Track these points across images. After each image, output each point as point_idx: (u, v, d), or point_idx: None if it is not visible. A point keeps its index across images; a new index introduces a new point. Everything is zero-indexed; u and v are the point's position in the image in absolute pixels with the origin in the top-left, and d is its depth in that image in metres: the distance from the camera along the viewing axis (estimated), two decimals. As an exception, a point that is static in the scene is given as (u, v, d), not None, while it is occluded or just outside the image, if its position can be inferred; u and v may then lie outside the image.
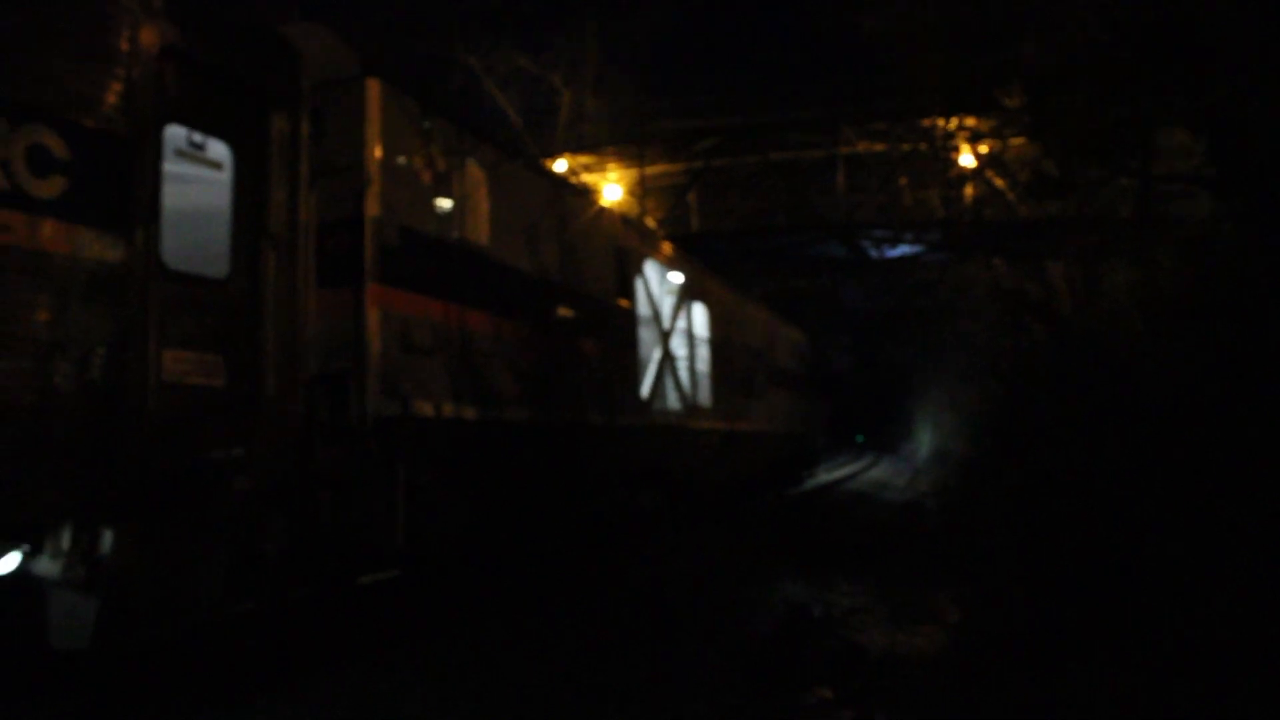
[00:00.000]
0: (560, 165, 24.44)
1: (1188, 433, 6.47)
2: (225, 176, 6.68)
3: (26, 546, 5.51)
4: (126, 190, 5.59)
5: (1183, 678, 4.79)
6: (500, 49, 29.86)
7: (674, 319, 15.53)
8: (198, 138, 6.42)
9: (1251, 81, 7.92)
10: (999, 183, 20.76)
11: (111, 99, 5.56)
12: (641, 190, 25.30)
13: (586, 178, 25.31)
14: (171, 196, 6.15)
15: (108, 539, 5.51)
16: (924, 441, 42.36)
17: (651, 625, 9.43)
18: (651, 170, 25.74)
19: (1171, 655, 5.15)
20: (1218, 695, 4.56)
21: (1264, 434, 5.70)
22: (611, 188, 25.21)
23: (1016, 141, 18.84)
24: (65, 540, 5.53)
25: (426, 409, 8.40)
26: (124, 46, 5.66)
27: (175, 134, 6.21)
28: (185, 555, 6.04)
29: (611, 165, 26.37)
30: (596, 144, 27.23)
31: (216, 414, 6.24)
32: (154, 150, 5.83)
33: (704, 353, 17.10)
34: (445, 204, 8.89)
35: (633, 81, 30.80)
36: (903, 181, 22.60)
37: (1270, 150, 8.09)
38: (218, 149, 6.64)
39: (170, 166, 6.15)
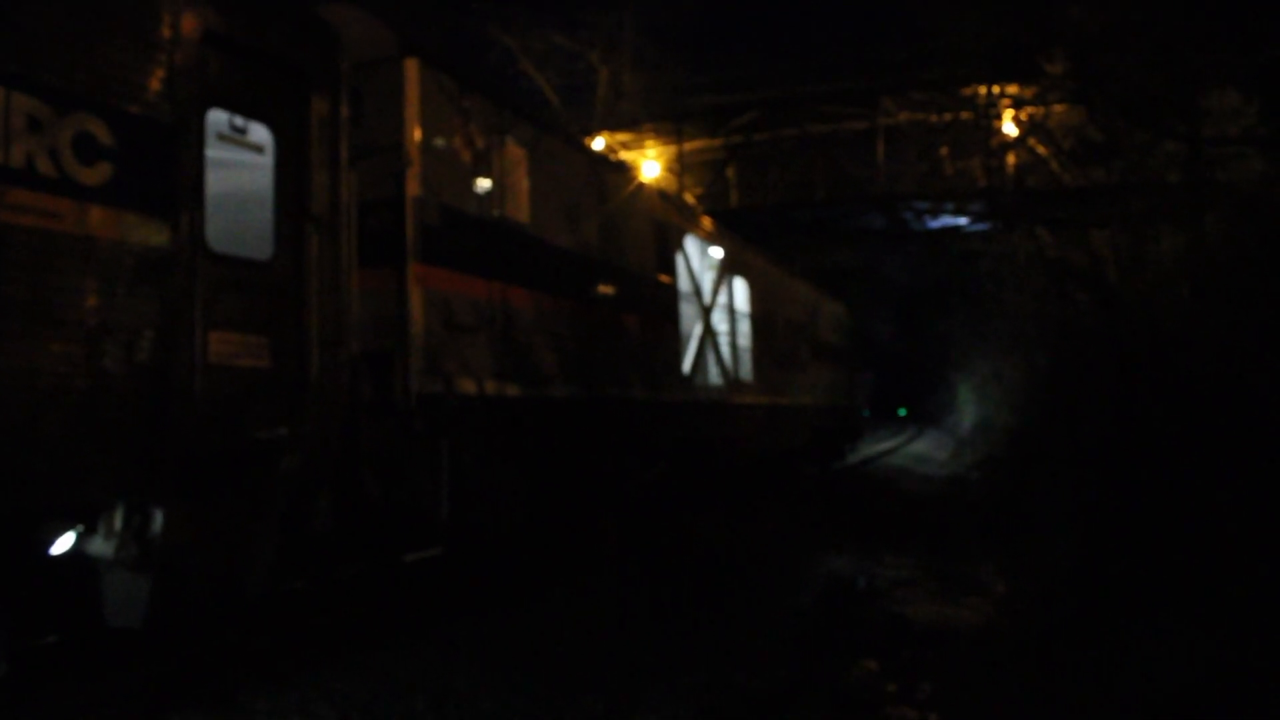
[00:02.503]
0: (598, 143, 24.37)
1: (1239, 402, 6.38)
2: (267, 159, 6.72)
3: (81, 527, 5.61)
4: (171, 175, 5.64)
5: (1239, 645, 4.74)
6: (537, 27, 29.81)
7: (715, 294, 15.48)
8: (239, 121, 6.45)
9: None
10: (1042, 150, 20.46)
11: (155, 85, 5.61)
12: (680, 166, 25.19)
13: (624, 155, 25.22)
14: (214, 180, 6.19)
15: (159, 519, 5.60)
16: (967, 414, 42.00)
17: (698, 599, 9.46)
18: (690, 146, 25.60)
19: (1227, 621, 5.10)
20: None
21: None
22: (650, 164, 25.10)
23: (1060, 108, 18.57)
24: (118, 521, 5.61)
25: (469, 387, 8.44)
26: (166, 32, 5.70)
27: (217, 118, 6.25)
28: (235, 534, 6.13)
29: (649, 142, 26.26)
30: (634, 121, 27.11)
31: (262, 394, 6.30)
32: (197, 135, 5.88)
33: (745, 327, 17.04)
34: (485, 182, 8.91)
35: (670, 57, 30.65)
36: (943, 151, 22.30)
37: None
38: (259, 132, 6.67)
39: (213, 151, 6.19)
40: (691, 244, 14.57)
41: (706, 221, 16.08)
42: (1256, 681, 4.47)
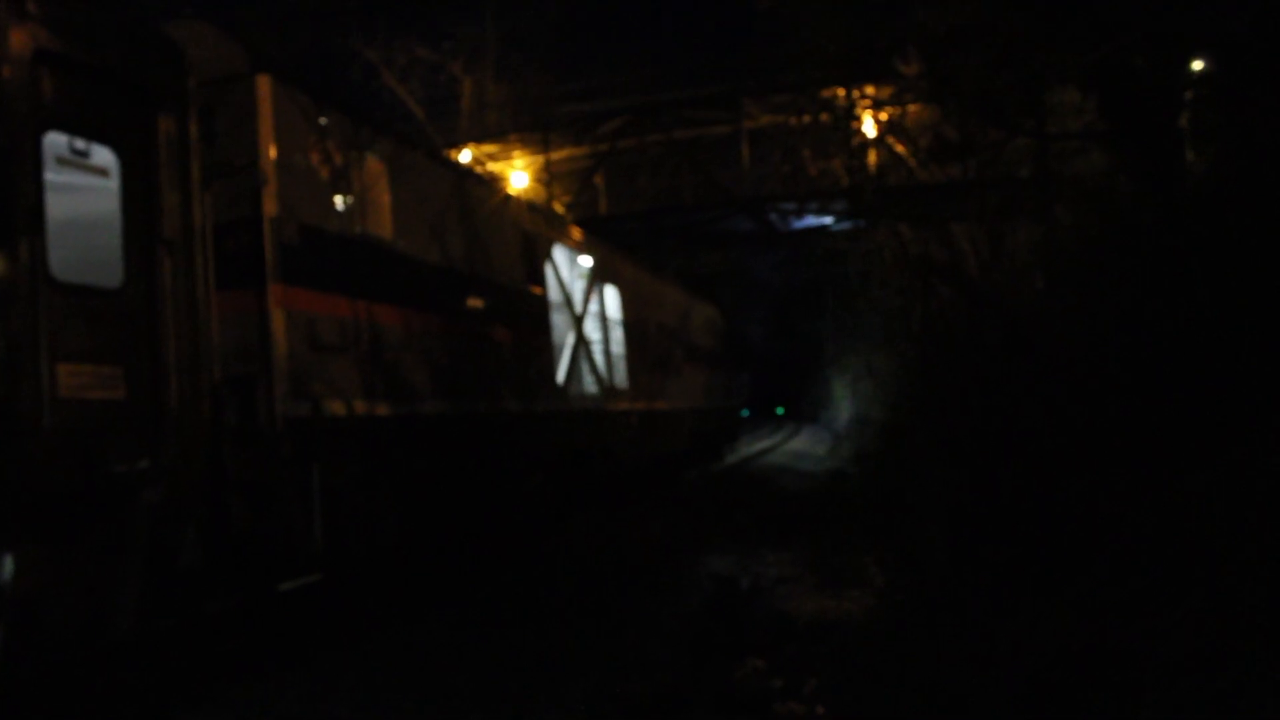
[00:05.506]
0: (465, 155, 24.18)
1: (1089, 387, 6.62)
2: (113, 183, 6.47)
3: (-76, 576, 5.31)
4: (5, 202, 5.39)
5: (1099, 619, 4.92)
6: (399, 39, 29.47)
7: (586, 302, 15.49)
8: (80, 144, 6.22)
9: (1137, 35, 8.10)
10: (900, 149, 20.96)
11: (-18, 108, 5.36)
12: (548, 176, 25.12)
13: (492, 166, 25.05)
14: (56, 206, 5.95)
15: (8, 564, 5.34)
16: (843, 410, 42.86)
17: (583, 608, 9.43)
18: (557, 155, 25.55)
19: (1084, 598, 5.29)
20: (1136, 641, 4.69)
21: (1163, 385, 5.85)
22: (518, 175, 25.02)
23: (915, 108, 19.03)
24: (-37, 567, 5.34)
25: (338, 408, 8.27)
26: (-8, 51, 5.45)
27: (56, 141, 6.01)
28: (94, 574, 5.87)
29: (517, 152, 26.12)
30: (500, 132, 26.95)
31: (119, 427, 6.07)
32: (33, 159, 5.63)
33: (618, 334, 17.09)
34: (345, 199, 8.75)
35: (534, 67, 30.60)
36: (806, 153, 22.67)
37: (1155, 102, 8.29)
38: (103, 155, 6.43)
39: (53, 175, 5.94)
40: (561, 253, 14.55)
41: (575, 230, 16.09)
42: (1107, 651, 4.66)
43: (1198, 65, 8.91)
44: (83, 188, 6.75)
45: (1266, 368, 5.19)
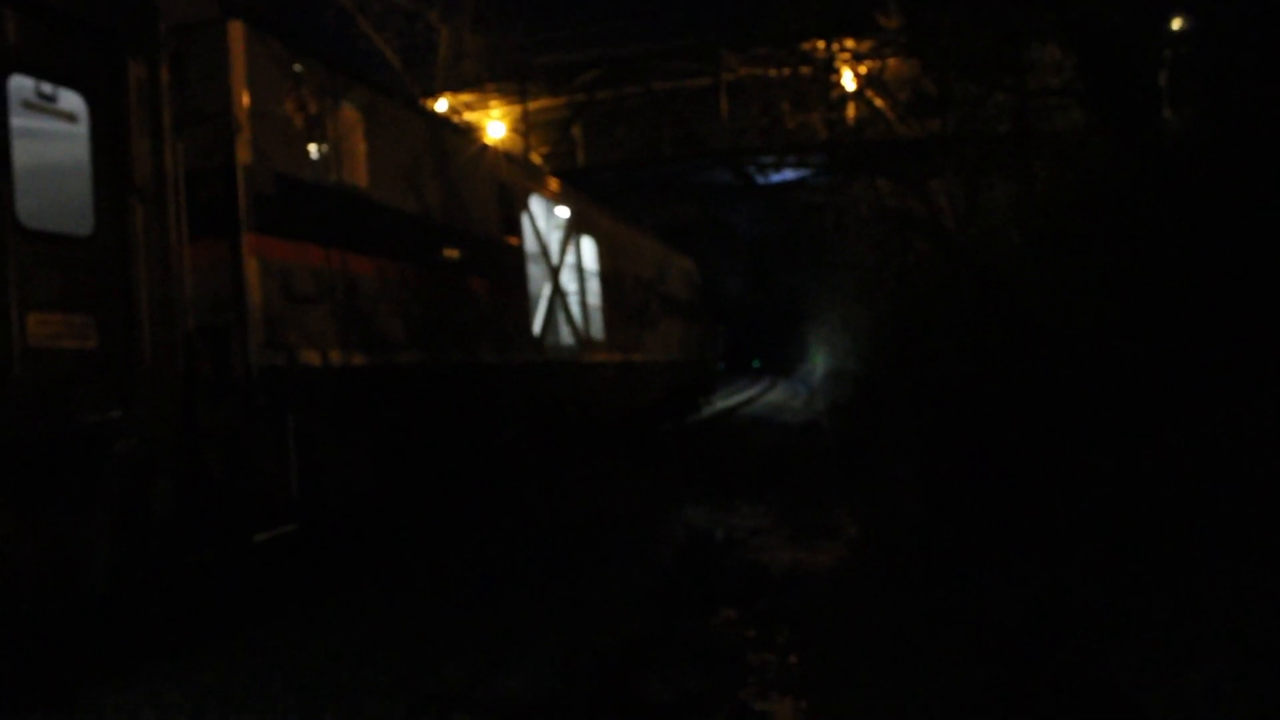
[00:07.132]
0: (442, 105, 23.92)
1: (1062, 341, 6.66)
2: (82, 129, 6.36)
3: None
4: (-29, 147, 5.30)
5: (1063, 573, 4.99)
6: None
7: (563, 254, 15.43)
8: (47, 88, 6.09)
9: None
10: (879, 103, 20.88)
11: (-54, 51, 5.25)
12: (525, 126, 24.89)
13: (469, 116, 24.80)
14: (23, 152, 5.84)
15: (-22, 514, 5.30)
16: (819, 363, 43.05)
17: (557, 560, 9.47)
18: (534, 106, 25.30)
19: (1053, 552, 5.36)
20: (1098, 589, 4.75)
21: (1136, 339, 5.90)
22: (495, 125, 24.79)
23: (895, 62, 18.95)
24: (-66, 518, 5.30)
25: (313, 358, 8.23)
26: (-46, -6, 5.34)
27: (22, 85, 5.88)
28: (65, 527, 5.84)
29: (494, 102, 25.85)
30: (477, 82, 26.65)
31: (90, 376, 6.01)
32: (-2, 104, 5.53)
33: (595, 286, 17.05)
34: (320, 147, 8.64)
35: (512, 16, 30.25)
36: (785, 106, 22.55)
37: (1134, 60, 8.28)
38: (71, 100, 6.31)
39: (19, 120, 5.83)
40: (537, 204, 14.46)
41: (553, 181, 15.98)
42: (1076, 606, 4.73)
43: (1177, 24, 8.90)
44: (51, 133, 6.62)
45: (1238, 325, 5.23)
